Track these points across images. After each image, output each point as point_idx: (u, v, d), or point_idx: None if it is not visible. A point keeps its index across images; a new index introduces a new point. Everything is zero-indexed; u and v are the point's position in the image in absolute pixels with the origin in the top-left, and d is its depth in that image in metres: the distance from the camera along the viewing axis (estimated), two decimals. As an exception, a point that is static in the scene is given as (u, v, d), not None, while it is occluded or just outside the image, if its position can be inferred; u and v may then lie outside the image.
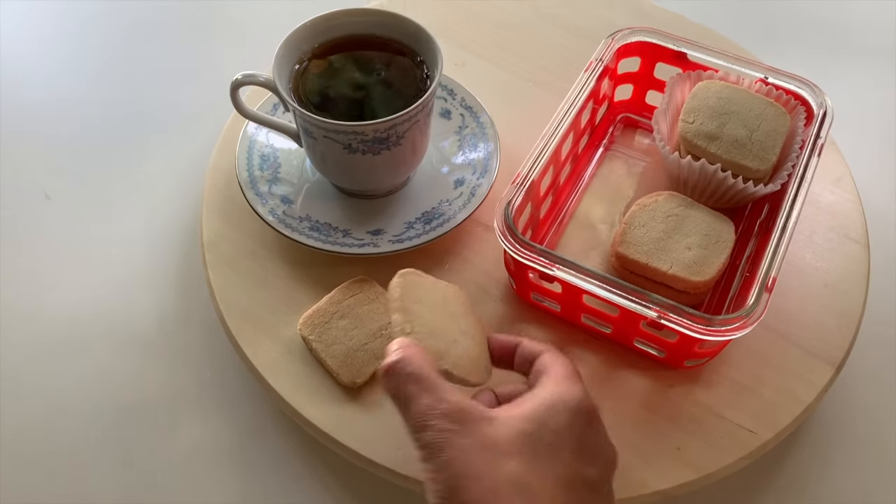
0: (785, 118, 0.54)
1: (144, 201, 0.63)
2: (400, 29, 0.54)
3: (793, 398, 0.49)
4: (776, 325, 0.52)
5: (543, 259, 0.46)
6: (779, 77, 0.56)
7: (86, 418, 0.52)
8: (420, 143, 0.54)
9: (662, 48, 0.58)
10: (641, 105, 0.63)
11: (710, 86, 0.56)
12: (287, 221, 0.55)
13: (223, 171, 0.60)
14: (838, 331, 0.52)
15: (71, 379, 0.54)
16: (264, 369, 0.50)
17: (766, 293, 0.45)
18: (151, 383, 0.54)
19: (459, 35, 0.70)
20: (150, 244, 0.61)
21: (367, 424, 0.48)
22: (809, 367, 0.50)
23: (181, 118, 0.69)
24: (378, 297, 0.52)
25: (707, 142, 0.53)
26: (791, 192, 0.50)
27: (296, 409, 0.49)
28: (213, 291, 0.54)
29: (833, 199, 0.59)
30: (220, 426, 0.52)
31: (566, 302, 0.50)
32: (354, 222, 0.56)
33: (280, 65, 0.52)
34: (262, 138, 0.59)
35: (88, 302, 0.58)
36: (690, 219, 0.52)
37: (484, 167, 0.57)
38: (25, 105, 0.71)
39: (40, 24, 0.78)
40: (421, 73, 0.53)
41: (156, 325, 0.57)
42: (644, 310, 0.45)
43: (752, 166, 0.52)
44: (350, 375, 0.48)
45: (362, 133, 0.49)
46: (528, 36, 0.70)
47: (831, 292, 0.54)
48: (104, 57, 0.75)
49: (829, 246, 0.57)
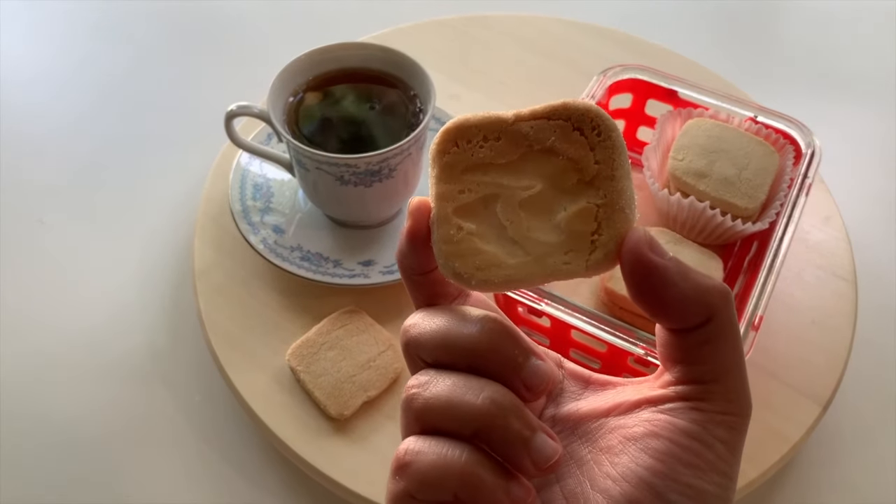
0: (774, 157, 0.55)
1: (137, 228, 0.64)
2: (394, 63, 0.55)
3: (779, 436, 0.49)
4: (764, 363, 0.52)
5: (532, 294, 0.47)
6: (768, 116, 0.57)
7: (73, 444, 0.52)
8: (412, 175, 0.54)
9: (654, 85, 0.59)
10: (632, 140, 0.63)
11: (700, 124, 0.56)
12: (278, 251, 0.55)
13: (216, 199, 0.60)
14: (826, 369, 0.52)
15: (59, 404, 0.54)
16: (252, 399, 0.50)
17: (753, 331, 0.45)
18: (139, 410, 0.54)
19: (453, 68, 0.71)
20: (141, 271, 0.61)
21: (354, 457, 0.48)
22: (796, 405, 0.51)
23: (175, 147, 0.70)
24: (367, 329, 0.52)
25: (696, 179, 0.54)
26: (779, 230, 0.50)
27: (282, 440, 0.48)
28: (203, 320, 0.54)
29: (821, 237, 0.59)
30: (208, 455, 0.52)
31: (555, 336, 0.50)
32: (346, 253, 0.56)
33: (275, 96, 0.52)
34: (255, 168, 0.59)
35: (79, 327, 0.58)
36: (679, 255, 0.52)
37: (475, 200, 0.58)
38: (21, 131, 0.71)
39: (37, 52, 0.79)
40: (414, 107, 0.54)
41: (146, 352, 0.56)
42: (631, 346, 0.45)
43: (740, 204, 0.53)
44: (337, 408, 0.48)
45: (354, 166, 0.50)
46: (521, 70, 0.71)
47: (819, 329, 0.54)
48: (100, 85, 0.75)
49: (818, 283, 0.57)
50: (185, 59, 0.78)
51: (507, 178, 0.27)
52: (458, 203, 0.27)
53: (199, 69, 0.77)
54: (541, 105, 0.28)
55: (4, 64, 0.77)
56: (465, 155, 0.27)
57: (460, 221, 0.27)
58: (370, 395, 0.49)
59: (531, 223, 0.27)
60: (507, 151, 0.28)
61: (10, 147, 0.69)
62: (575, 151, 0.27)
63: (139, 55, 0.78)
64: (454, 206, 0.27)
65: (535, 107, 0.28)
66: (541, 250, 0.27)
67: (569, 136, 0.28)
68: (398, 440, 0.41)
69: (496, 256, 0.27)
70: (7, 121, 0.72)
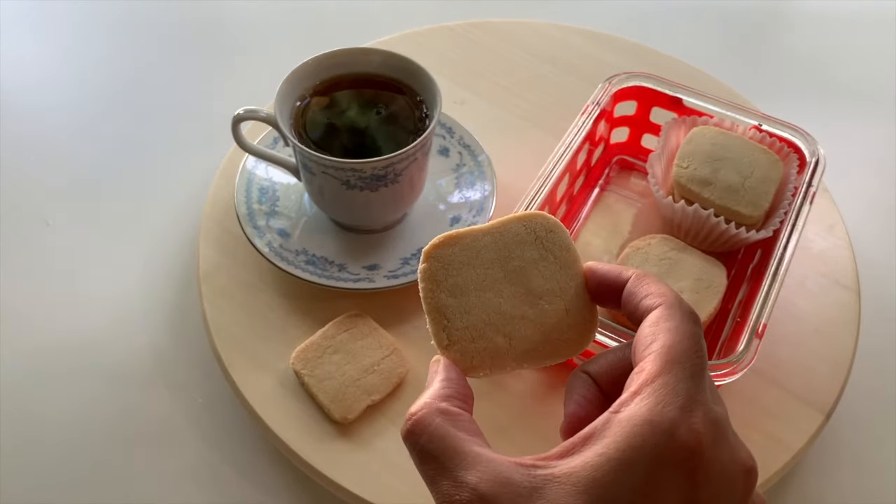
0: (778, 165, 0.55)
1: (142, 231, 0.64)
2: (401, 68, 0.55)
3: (781, 444, 0.49)
4: (767, 370, 0.52)
5: (536, 300, 0.47)
6: (772, 125, 0.57)
7: (75, 445, 0.52)
8: (418, 180, 0.55)
9: (659, 93, 0.59)
10: (637, 148, 0.64)
11: (705, 131, 0.57)
12: (283, 255, 0.55)
13: (221, 203, 0.60)
14: (829, 377, 0.52)
15: (62, 405, 0.54)
16: (256, 402, 0.50)
17: (757, 339, 0.45)
18: (143, 413, 0.54)
19: (459, 74, 0.71)
20: (146, 274, 0.61)
21: (358, 461, 0.48)
22: (799, 414, 0.51)
23: (181, 149, 0.70)
24: (372, 333, 0.52)
25: (701, 187, 0.54)
26: (783, 238, 0.51)
27: (286, 443, 0.49)
28: (208, 322, 0.54)
29: (825, 246, 0.59)
30: (211, 458, 0.52)
31: (558, 342, 0.50)
32: (350, 257, 0.56)
33: (282, 101, 0.52)
34: (261, 172, 0.60)
35: (83, 329, 0.58)
36: (683, 263, 0.52)
37: (480, 206, 0.58)
38: (27, 133, 0.71)
39: (43, 55, 0.79)
40: (420, 112, 0.54)
41: (149, 354, 0.57)
42: (635, 353, 0.45)
43: (744, 212, 0.53)
44: (341, 411, 0.49)
45: (360, 170, 0.50)
46: (527, 76, 0.71)
47: (822, 338, 0.54)
48: (105, 88, 0.76)
49: (821, 292, 0.57)
50: (191, 62, 0.79)
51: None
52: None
53: (206, 73, 0.77)
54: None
55: (12, 67, 0.77)
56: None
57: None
58: (374, 399, 0.49)
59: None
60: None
61: (17, 149, 0.70)
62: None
63: (145, 59, 0.79)
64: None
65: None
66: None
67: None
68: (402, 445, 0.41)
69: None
70: (13, 123, 0.72)
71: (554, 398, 0.51)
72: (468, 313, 0.32)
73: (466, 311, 0.32)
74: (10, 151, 0.69)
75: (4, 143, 0.70)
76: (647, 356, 0.29)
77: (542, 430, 0.49)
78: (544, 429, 0.49)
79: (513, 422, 0.50)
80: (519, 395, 0.51)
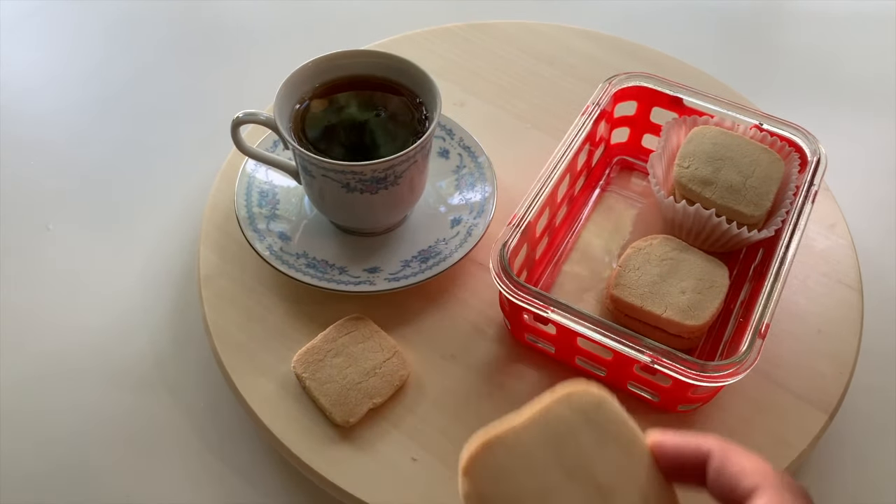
0: (779, 164, 0.55)
1: (143, 235, 0.64)
2: (400, 70, 0.55)
3: (786, 445, 0.49)
4: (770, 371, 0.52)
5: (538, 301, 0.47)
6: (773, 124, 0.57)
7: (76, 450, 0.52)
8: (418, 182, 0.55)
9: (659, 93, 0.59)
10: (637, 148, 0.64)
11: (706, 131, 0.56)
12: (284, 258, 0.55)
13: (221, 206, 0.60)
14: (832, 377, 0.52)
15: (63, 409, 0.54)
16: (257, 406, 0.50)
17: (760, 339, 0.45)
18: (144, 417, 0.54)
19: (459, 75, 0.71)
20: (147, 277, 0.61)
21: (360, 464, 0.48)
22: (803, 414, 0.50)
23: (181, 153, 0.70)
24: (373, 336, 0.52)
25: (702, 187, 0.54)
26: (785, 238, 0.50)
27: (288, 447, 0.48)
28: (209, 326, 0.54)
29: (827, 245, 0.59)
30: (213, 462, 0.52)
31: (560, 344, 0.50)
32: (351, 260, 0.56)
33: (281, 104, 0.52)
34: (261, 175, 0.59)
35: (83, 333, 0.58)
36: (685, 263, 0.52)
37: (481, 207, 0.58)
38: (27, 137, 0.71)
39: (42, 59, 0.79)
40: (420, 114, 0.54)
41: (150, 358, 0.57)
42: (637, 354, 0.45)
43: (746, 212, 0.53)
44: (343, 415, 0.48)
45: (360, 173, 0.50)
46: (526, 78, 0.71)
47: (825, 338, 0.54)
48: (105, 92, 0.76)
49: (823, 291, 0.57)
50: (190, 66, 0.79)
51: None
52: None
53: (206, 76, 0.77)
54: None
55: (12, 70, 0.77)
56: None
57: None
58: (376, 402, 0.49)
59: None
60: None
61: (17, 153, 0.70)
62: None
63: (144, 62, 0.79)
64: None
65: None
66: None
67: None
68: (404, 448, 0.41)
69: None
70: (13, 126, 0.72)
71: (556, 400, 0.51)
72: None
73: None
74: (10, 155, 0.69)
75: (5, 146, 0.70)
76: None
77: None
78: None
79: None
80: (521, 397, 0.50)
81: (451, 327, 0.54)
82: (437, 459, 0.48)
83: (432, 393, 0.51)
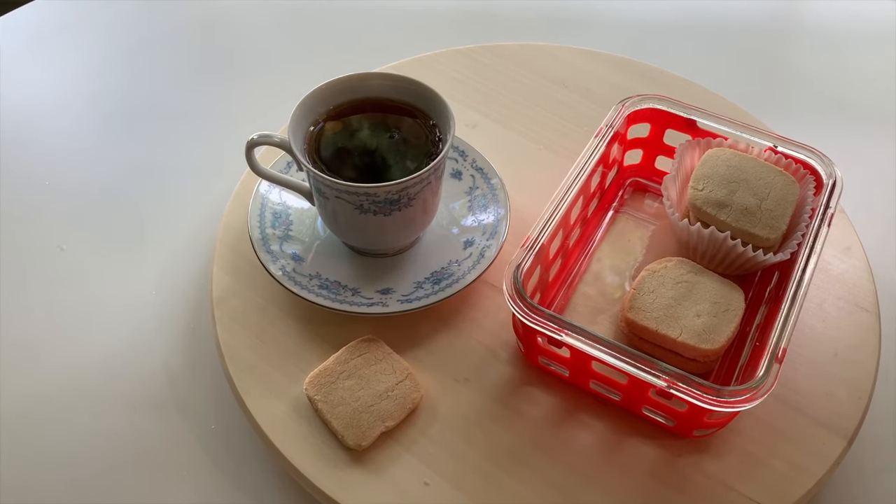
0: (794, 187, 0.55)
1: (156, 256, 0.64)
2: (413, 93, 0.55)
3: (803, 471, 0.48)
4: (786, 395, 0.51)
5: (552, 324, 0.46)
6: (788, 146, 0.57)
7: (87, 470, 0.52)
8: (431, 204, 0.55)
9: (672, 115, 0.59)
10: (651, 170, 0.63)
11: (720, 153, 0.56)
12: (297, 279, 0.55)
13: (234, 227, 0.60)
14: (849, 402, 0.51)
15: (74, 430, 0.54)
16: (268, 428, 0.50)
17: (777, 364, 0.45)
18: (155, 438, 0.54)
19: (470, 97, 0.71)
20: (160, 298, 0.61)
21: (372, 488, 0.47)
22: (820, 440, 0.50)
23: (193, 174, 0.70)
24: (385, 358, 0.52)
25: (717, 209, 0.53)
26: (801, 261, 0.50)
27: (299, 470, 0.48)
28: (221, 347, 0.54)
29: (843, 268, 0.59)
30: (224, 484, 0.51)
31: (575, 367, 0.50)
32: (364, 281, 0.56)
33: (295, 125, 0.52)
34: (274, 196, 0.60)
35: (96, 353, 0.58)
36: (700, 286, 0.52)
37: (494, 229, 0.58)
38: (41, 158, 0.72)
39: (58, 80, 0.80)
40: (433, 136, 0.54)
41: (162, 379, 0.56)
42: (653, 379, 0.44)
43: (761, 235, 0.53)
44: (356, 438, 0.48)
45: (374, 195, 0.50)
46: (538, 100, 0.71)
47: (842, 362, 0.54)
48: (118, 112, 0.76)
49: (839, 315, 0.56)
50: (205, 87, 0.79)
51: None
52: None
53: (219, 97, 0.78)
54: None
55: (26, 91, 0.78)
56: None
57: None
58: (388, 425, 0.49)
59: None
60: None
61: (31, 174, 0.70)
62: None
63: (158, 85, 0.79)
64: None
65: None
66: None
67: None
68: (416, 472, 0.40)
69: None
70: (27, 148, 0.72)
71: (572, 425, 0.50)
72: None
73: None
74: (24, 176, 0.70)
75: (19, 167, 0.70)
76: None
77: (563, 458, 0.49)
78: (565, 456, 0.49)
79: (531, 448, 0.49)
80: (535, 421, 0.50)
81: (464, 350, 0.54)
82: (450, 484, 0.48)
83: (445, 416, 0.51)
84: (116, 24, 0.85)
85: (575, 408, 0.51)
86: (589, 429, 0.50)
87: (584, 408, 0.51)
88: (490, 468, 0.48)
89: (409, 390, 0.50)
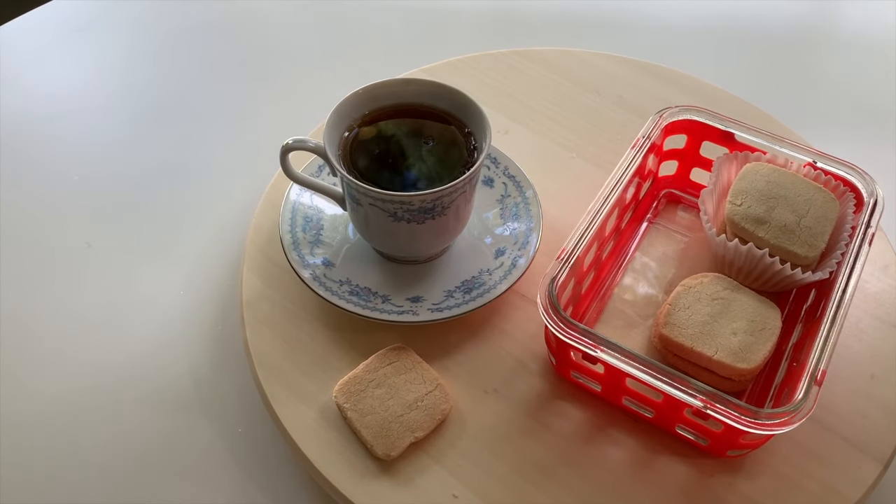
0: (834, 204, 0.54)
1: (184, 256, 0.64)
2: (449, 99, 0.54)
3: (838, 494, 0.48)
4: (822, 417, 0.50)
5: (587, 340, 0.46)
6: (828, 162, 0.56)
7: (113, 472, 0.52)
8: (464, 212, 0.54)
9: (710, 127, 0.58)
10: (685, 181, 0.63)
11: (758, 168, 0.55)
12: (327, 284, 0.54)
13: (265, 230, 0.60)
14: (886, 424, 0.51)
15: (101, 431, 0.54)
16: (297, 434, 0.50)
17: (816, 386, 0.44)
18: (182, 441, 0.53)
19: (503, 102, 0.70)
20: (188, 300, 0.61)
21: (400, 499, 0.47)
22: (856, 463, 0.49)
23: (223, 175, 0.70)
24: (415, 367, 0.51)
25: (755, 225, 0.53)
26: (841, 281, 0.49)
27: (327, 478, 0.48)
28: (250, 351, 0.54)
29: (880, 287, 0.58)
30: (250, 489, 0.51)
31: (608, 383, 0.49)
32: (394, 288, 0.55)
33: (330, 131, 0.52)
34: (306, 200, 0.59)
35: (123, 354, 0.58)
36: (736, 303, 0.51)
37: (525, 238, 0.57)
38: (71, 156, 0.72)
39: (88, 80, 0.80)
40: (468, 144, 0.54)
41: (190, 382, 0.56)
42: (690, 399, 0.44)
43: (800, 252, 0.52)
44: (385, 448, 0.48)
45: (409, 203, 0.50)
46: (572, 107, 0.70)
47: (878, 383, 0.53)
48: (149, 111, 0.76)
49: (876, 335, 0.55)
50: (235, 88, 0.79)
51: None
52: None
53: (248, 98, 0.78)
54: None
55: (56, 91, 0.78)
56: None
57: None
58: (417, 436, 0.48)
59: None
60: None
61: (60, 172, 0.70)
62: None
63: (189, 84, 0.79)
64: None
65: None
66: None
67: None
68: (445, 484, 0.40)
69: None
70: (57, 146, 0.73)
71: (602, 441, 0.50)
72: None
73: None
74: (54, 173, 0.70)
75: (48, 164, 0.71)
76: None
77: (593, 473, 0.48)
78: (595, 472, 0.48)
79: (560, 463, 0.49)
80: (565, 435, 0.50)
81: (494, 360, 0.53)
82: (479, 497, 0.47)
83: (474, 428, 0.50)
84: (146, 21, 0.85)
85: (606, 423, 0.50)
86: (620, 445, 0.49)
87: (615, 423, 0.50)
88: (519, 482, 0.48)
89: (439, 401, 0.50)
